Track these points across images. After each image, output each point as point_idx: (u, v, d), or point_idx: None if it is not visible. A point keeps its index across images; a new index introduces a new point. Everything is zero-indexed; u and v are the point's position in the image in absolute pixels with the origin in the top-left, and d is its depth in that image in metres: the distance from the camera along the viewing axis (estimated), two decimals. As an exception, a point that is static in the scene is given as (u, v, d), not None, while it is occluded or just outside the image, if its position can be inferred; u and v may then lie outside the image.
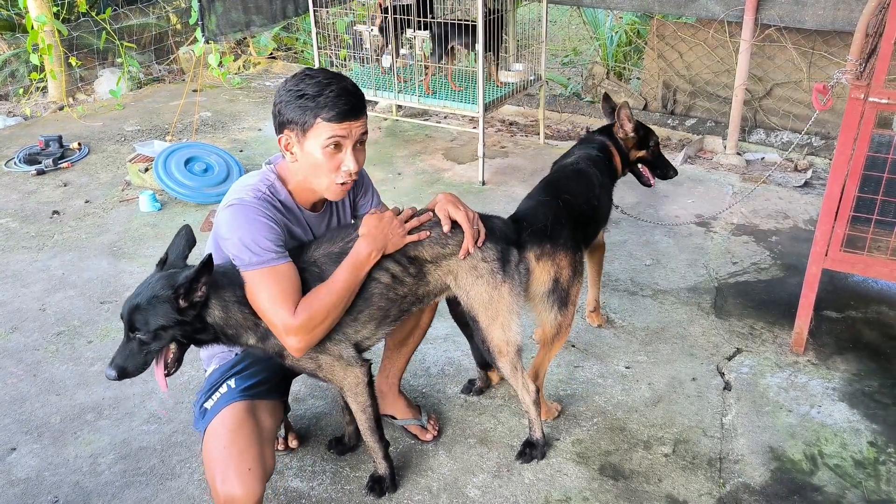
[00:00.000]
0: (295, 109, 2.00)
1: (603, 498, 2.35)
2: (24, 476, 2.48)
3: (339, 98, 1.98)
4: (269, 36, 7.72)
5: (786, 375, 2.90)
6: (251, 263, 1.97)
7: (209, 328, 2.02)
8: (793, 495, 2.35)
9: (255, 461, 2.02)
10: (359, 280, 2.08)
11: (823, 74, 4.92)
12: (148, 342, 1.95)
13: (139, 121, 6.00)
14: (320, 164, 2.03)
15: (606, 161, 2.92)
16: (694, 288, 3.52)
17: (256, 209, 2.01)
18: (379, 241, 2.09)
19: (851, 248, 2.81)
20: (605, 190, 2.82)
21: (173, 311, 1.94)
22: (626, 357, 3.02)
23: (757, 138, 5.22)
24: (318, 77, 2.02)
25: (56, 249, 4.01)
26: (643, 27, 6.79)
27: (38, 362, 3.07)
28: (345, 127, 2.00)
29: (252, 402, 2.16)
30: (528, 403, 2.44)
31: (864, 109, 2.57)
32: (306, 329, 2.00)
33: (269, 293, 1.97)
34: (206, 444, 2.08)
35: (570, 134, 5.66)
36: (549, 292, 2.42)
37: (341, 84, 2.02)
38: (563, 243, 2.44)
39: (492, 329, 2.29)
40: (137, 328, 1.94)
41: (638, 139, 2.99)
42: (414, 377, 2.92)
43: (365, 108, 2.08)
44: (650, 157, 3.04)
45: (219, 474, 1.99)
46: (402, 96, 4.92)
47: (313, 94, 1.98)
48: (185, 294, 1.93)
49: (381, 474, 2.37)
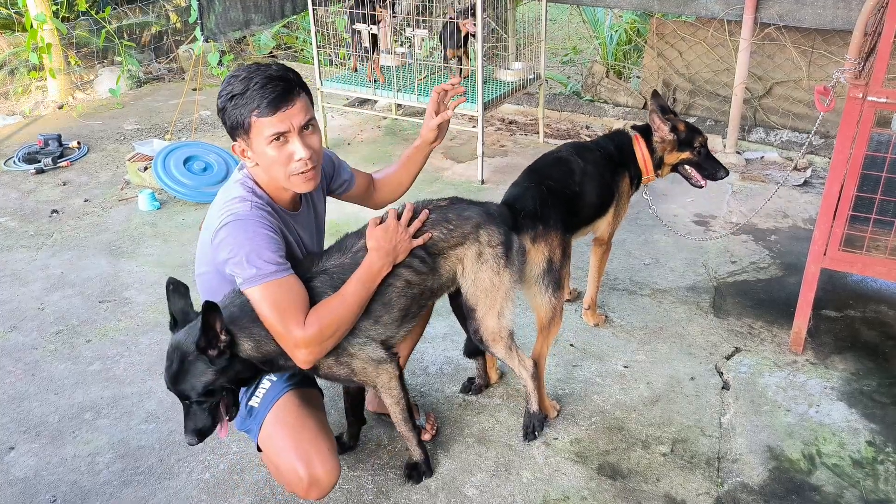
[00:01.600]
0: (231, 113, 1.95)
1: (601, 497, 2.35)
2: (22, 475, 2.48)
3: (265, 89, 1.91)
4: (268, 34, 7.71)
5: (784, 375, 2.89)
6: (256, 278, 1.94)
7: (247, 364, 1.99)
8: (791, 495, 2.35)
9: (329, 441, 2.14)
10: (370, 292, 2.08)
11: (823, 73, 4.92)
12: (203, 402, 1.95)
13: (138, 119, 6.00)
14: (274, 161, 1.98)
15: (617, 156, 2.91)
16: (693, 287, 3.52)
17: (255, 221, 1.98)
18: (389, 253, 2.09)
19: (850, 248, 2.81)
20: (595, 180, 2.80)
21: (208, 365, 1.92)
22: (625, 356, 3.02)
23: (756, 137, 5.22)
24: (243, 73, 1.94)
25: (55, 248, 4.01)
26: (643, 26, 6.79)
27: (37, 361, 3.07)
28: (280, 118, 1.93)
29: (300, 390, 2.21)
30: (526, 377, 2.48)
31: (863, 108, 2.57)
32: (317, 341, 1.97)
33: (277, 307, 1.94)
34: (269, 438, 2.13)
35: (569, 133, 5.65)
36: (543, 273, 2.49)
37: (265, 73, 1.93)
38: (553, 225, 2.53)
39: (487, 317, 2.31)
40: (188, 396, 1.93)
41: (678, 140, 2.91)
42: (412, 376, 2.92)
43: (298, 89, 1.97)
44: (696, 159, 2.96)
45: (300, 461, 2.06)
46: (400, 95, 4.92)
47: (240, 92, 1.92)
48: (209, 344, 1.90)
49: (416, 460, 2.41)
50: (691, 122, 3.04)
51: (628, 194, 3.02)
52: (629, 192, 3.02)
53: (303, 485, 2.06)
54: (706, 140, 2.97)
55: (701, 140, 2.94)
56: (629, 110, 5.79)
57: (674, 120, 2.93)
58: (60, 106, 6.24)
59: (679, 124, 2.93)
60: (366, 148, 5.38)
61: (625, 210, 3.04)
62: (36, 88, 6.39)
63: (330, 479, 2.10)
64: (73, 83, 6.49)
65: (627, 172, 2.95)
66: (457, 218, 2.25)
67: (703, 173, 2.98)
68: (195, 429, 1.95)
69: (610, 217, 2.96)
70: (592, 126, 5.72)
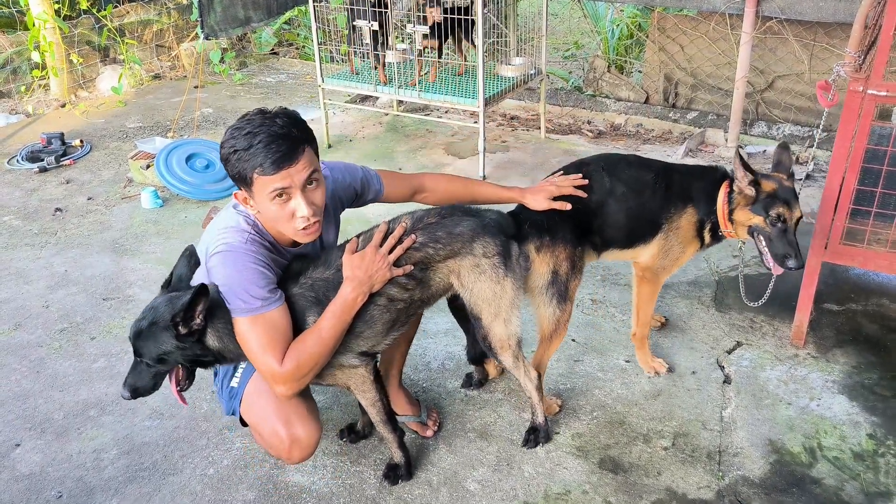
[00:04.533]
0: (234, 166, 1.94)
1: (602, 491, 2.36)
2: (27, 471, 2.50)
3: (269, 147, 1.89)
4: (270, 32, 7.71)
5: (785, 368, 2.90)
6: (241, 310, 1.97)
7: (210, 352, 2.04)
8: (792, 488, 2.36)
9: (308, 403, 2.16)
10: (346, 324, 2.06)
11: (825, 67, 4.91)
12: (153, 366, 2.01)
13: (141, 117, 6.01)
14: (277, 216, 1.99)
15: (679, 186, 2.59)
16: (694, 282, 3.52)
17: (247, 254, 1.98)
18: (364, 283, 2.05)
19: (851, 241, 2.81)
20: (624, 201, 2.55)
21: (172, 338, 1.97)
22: (626, 351, 3.03)
23: (759, 131, 5.21)
24: (248, 127, 1.93)
25: (59, 246, 4.03)
26: (644, 20, 6.77)
27: (42, 359, 3.09)
28: (282, 176, 1.92)
29: None
30: (530, 389, 2.47)
31: (864, 102, 2.56)
32: (294, 378, 2.01)
33: (257, 341, 1.97)
34: (250, 407, 2.16)
35: (570, 128, 5.65)
36: (548, 285, 2.44)
37: (270, 130, 1.91)
38: (562, 237, 2.45)
39: (494, 325, 2.29)
40: (142, 355, 2.00)
41: (756, 199, 2.46)
42: (415, 372, 2.93)
43: (303, 145, 1.96)
44: (768, 230, 2.46)
45: (280, 421, 2.09)
46: (402, 91, 4.92)
47: (244, 148, 1.91)
48: (184, 321, 1.95)
49: (396, 462, 2.40)
50: (791, 190, 2.47)
51: (688, 234, 2.63)
52: (690, 232, 2.63)
53: (284, 446, 2.10)
54: (793, 218, 2.46)
55: (781, 212, 2.43)
56: (631, 105, 5.79)
57: (765, 177, 2.49)
58: (63, 104, 6.26)
59: (767, 183, 2.47)
60: (368, 144, 5.38)
61: (679, 250, 2.65)
62: (38, 87, 6.40)
63: (310, 439, 2.13)
64: (76, 81, 6.50)
65: (692, 208, 2.60)
66: (447, 236, 2.18)
67: (772, 251, 2.48)
68: (133, 385, 2.05)
69: (654, 249, 2.64)
70: (594, 121, 5.72)
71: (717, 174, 2.62)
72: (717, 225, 2.59)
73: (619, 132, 5.54)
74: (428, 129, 5.65)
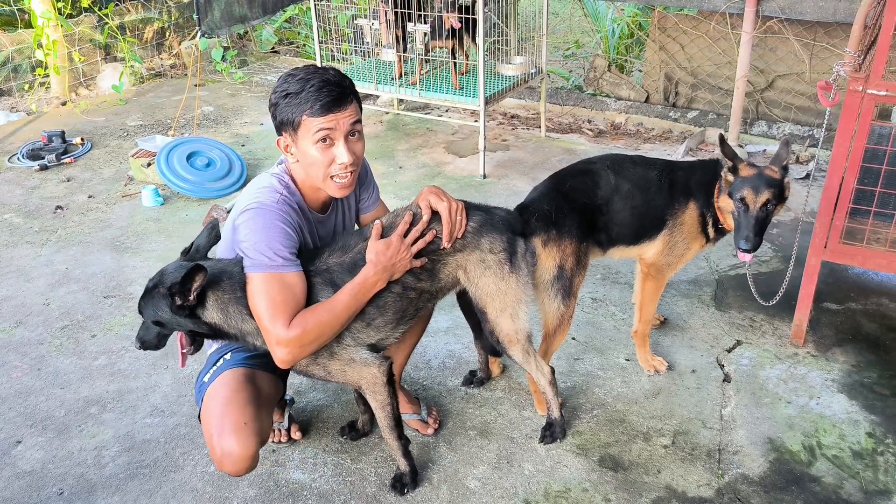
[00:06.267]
0: (283, 110, 2.00)
1: (602, 489, 2.37)
2: (29, 468, 2.51)
3: (321, 91, 1.97)
4: (270, 30, 7.72)
5: (785, 367, 2.91)
6: (260, 265, 1.98)
7: (207, 326, 2.06)
8: (791, 486, 2.37)
9: (251, 418, 2.05)
10: (361, 304, 2.08)
11: (826, 66, 4.91)
12: (155, 326, 2.07)
13: (141, 116, 6.02)
14: (316, 161, 2.03)
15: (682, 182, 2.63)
16: (694, 280, 3.53)
17: (276, 213, 2.02)
18: (387, 269, 2.09)
19: (851, 240, 2.81)
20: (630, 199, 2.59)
21: (167, 307, 2.01)
22: (627, 349, 3.04)
23: (759, 130, 5.22)
24: (301, 74, 2.01)
25: (59, 244, 4.04)
26: (645, 19, 6.78)
27: (43, 356, 3.10)
28: (330, 119, 1.99)
29: (251, 370, 2.20)
30: (544, 384, 2.47)
31: (863, 101, 2.57)
32: (297, 344, 2.00)
33: (269, 300, 1.97)
34: (204, 406, 2.12)
35: (571, 127, 5.65)
36: (553, 279, 2.46)
37: (323, 77, 2.00)
38: (567, 231, 2.47)
39: (500, 320, 2.30)
40: (144, 314, 2.07)
41: (732, 184, 2.50)
42: (415, 370, 2.94)
43: (352, 96, 2.05)
44: (736, 214, 2.50)
45: (215, 429, 2.02)
46: (403, 90, 4.93)
47: (296, 91, 1.98)
48: (180, 293, 1.99)
49: (402, 471, 2.37)
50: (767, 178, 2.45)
51: (692, 229, 2.66)
52: (694, 227, 2.66)
53: (216, 455, 2.02)
54: (757, 201, 2.45)
55: (745, 195, 2.45)
56: (631, 104, 5.79)
57: (750, 166, 2.50)
58: (64, 102, 6.26)
59: (745, 169, 2.48)
60: (368, 143, 5.33)
61: (684, 246, 2.68)
62: (40, 85, 6.41)
63: (243, 453, 2.00)
64: (77, 80, 6.51)
65: (693, 203, 2.63)
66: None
67: (735, 233, 2.54)
68: (142, 338, 2.12)
69: (660, 245, 2.67)
70: (595, 120, 5.72)
71: (717, 168, 2.64)
72: (717, 217, 2.63)
73: (620, 131, 5.55)
74: (428, 128, 5.65)
